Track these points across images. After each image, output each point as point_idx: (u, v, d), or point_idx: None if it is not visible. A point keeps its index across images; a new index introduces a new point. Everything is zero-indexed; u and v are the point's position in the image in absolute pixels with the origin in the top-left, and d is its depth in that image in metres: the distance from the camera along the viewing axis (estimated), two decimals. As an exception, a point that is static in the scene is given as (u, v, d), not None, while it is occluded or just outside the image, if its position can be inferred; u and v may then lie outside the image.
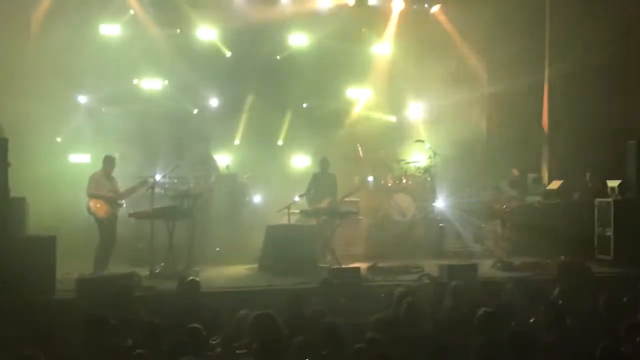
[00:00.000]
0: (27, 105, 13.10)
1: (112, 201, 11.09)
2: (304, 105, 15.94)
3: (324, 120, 15.90)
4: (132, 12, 14.53)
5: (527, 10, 15.09)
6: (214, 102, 15.34)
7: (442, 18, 16.13)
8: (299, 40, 15.67)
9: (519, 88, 15.23)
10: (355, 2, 15.81)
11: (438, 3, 16.13)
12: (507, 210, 13.28)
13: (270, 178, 14.54)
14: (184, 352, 5.85)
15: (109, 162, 11.27)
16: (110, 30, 14.35)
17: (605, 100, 14.70)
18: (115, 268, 10.97)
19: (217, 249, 12.56)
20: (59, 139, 13.85)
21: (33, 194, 11.44)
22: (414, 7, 16.23)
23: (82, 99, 14.28)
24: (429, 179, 14.73)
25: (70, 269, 10.68)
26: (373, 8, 16.14)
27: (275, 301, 8.42)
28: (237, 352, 6.41)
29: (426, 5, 16.26)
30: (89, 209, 11.01)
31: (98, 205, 10.98)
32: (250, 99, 15.23)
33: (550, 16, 15.35)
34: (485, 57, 15.90)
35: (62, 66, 13.35)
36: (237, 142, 15.38)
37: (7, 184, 9.75)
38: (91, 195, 11.01)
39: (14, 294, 8.70)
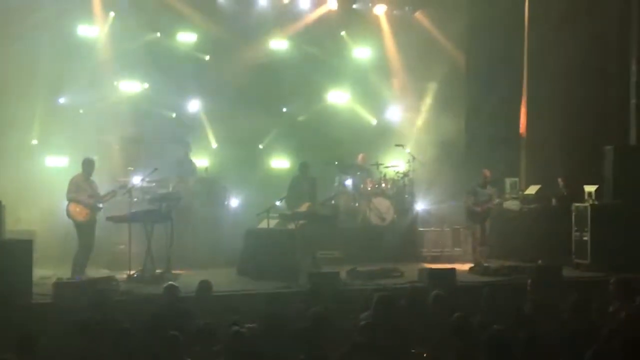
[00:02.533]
0: (3, 107, 12.98)
1: (92, 205, 11.00)
2: (284, 109, 15.93)
3: (304, 124, 15.91)
4: (112, 14, 14.42)
5: (506, 16, 15.19)
6: (193, 105, 15.26)
7: (423, 22, 16.21)
8: (279, 44, 15.67)
9: (497, 92, 15.33)
10: (338, 6, 15.84)
11: (419, 8, 16.21)
12: (489, 208, 13.31)
13: (250, 181, 14.50)
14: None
15: (88, 164, 11.14)
16: (88, 31, 14.23)
17: (583, 105, 14.84)
18: (93, 272, 10.89)
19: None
20: (34, 142, 13.68)
21: (9, 197, 11.32)
22: (395, 12, 16.31)
23: (60, 101, 14.11)
24: (407, 183, 14.80)
25: (48, 273, 10.60)
26: (354, 12, 16.19)
27: (254, 306, 8.41)
28: None
29: (407, 8, 16.32)
30: (68, 212, 10.89)
31: (78, 209, 10.86)
32: (229, 102, 15.16)
33: (529, 22, 15.47)
34: (464, 60, 15.97)
35: (39, 68, 13.20)
36: (214, 145, 15.32)
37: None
38: (71, 199, 10.90)
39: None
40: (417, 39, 15.95)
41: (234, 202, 14.29)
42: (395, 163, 15.27)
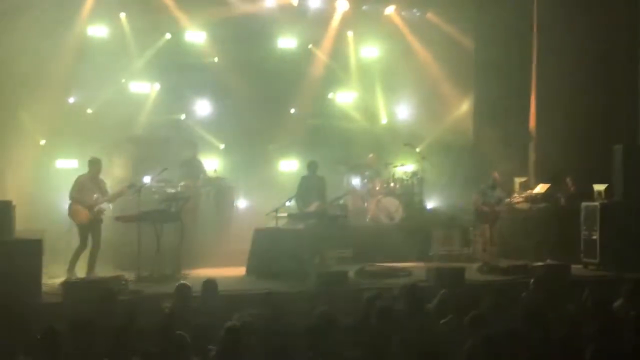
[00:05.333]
0: (13, 108, 13.04)
1: (93, 207, 10.88)
2: (292, 110, 15.94)
3: (312, 125, 15.92)
4: (123, 15, 14.47)
5: (514, 16, 15.16)
6: (201, 106, 15.29)
7: (431, 22, 16.20)
8: (287, 44, 15.68)
9: (506, 91, 15.31)
10: (349, 7, 15.83)
11: (427, 10, 16.20)
12: (496, 212, 13.33)
13: (259, 182, 14.53)
14: None
15: (94, 164, 11.09)
16: (97, 32, 14.26)
17: (592, 104, 14.78)
18: (102, 272, 10.92)
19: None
20: (42, 142, 13.72)
21: (20, 197, 11.37)
22: (402, 13, 16.31)
23: (69, 101, 14.16)
24: (417, 182, 14.79)
25: (58, 273, 10.64)
26: (363, 14, 16.19)
27: (262, 305, 8.41)
28: None
29: (414, 10, 16.32)
30: (69, 212, 10.90)
31: (78, 209, 10.82)
32: (238, 104, 15.19)
33: (538, 21, 15.43)
34: (472, 59, 15.95)
35: (49, 68, 13.25)
36: (222, 146, 15.34)
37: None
38: (73, 199, 10.87)
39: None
40: (427, 38, 15.96)
41: (243, 202, 14.32)
42: (404, 162, 15.26)
